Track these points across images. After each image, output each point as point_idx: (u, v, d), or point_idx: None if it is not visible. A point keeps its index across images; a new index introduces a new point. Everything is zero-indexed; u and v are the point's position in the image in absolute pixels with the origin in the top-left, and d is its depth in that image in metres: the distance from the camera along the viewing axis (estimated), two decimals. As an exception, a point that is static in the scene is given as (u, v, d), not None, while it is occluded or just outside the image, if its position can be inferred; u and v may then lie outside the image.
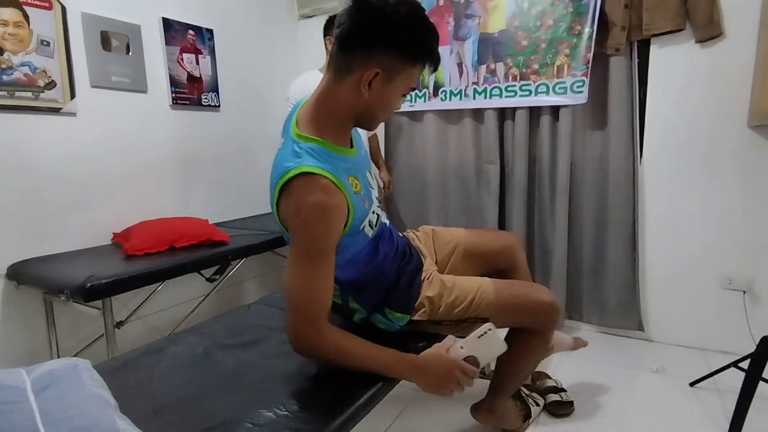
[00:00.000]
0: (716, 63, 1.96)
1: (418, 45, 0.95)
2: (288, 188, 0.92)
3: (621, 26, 2.03)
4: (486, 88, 2.36)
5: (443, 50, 2.51)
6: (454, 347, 0.99)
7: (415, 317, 1.15)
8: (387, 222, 1.23)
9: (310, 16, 3.02)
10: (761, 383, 1.40)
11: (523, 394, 1.62)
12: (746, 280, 2.02)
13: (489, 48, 2.34)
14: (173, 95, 2.29)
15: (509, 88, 2.30)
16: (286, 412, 0.81)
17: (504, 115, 2.39)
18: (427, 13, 2.59)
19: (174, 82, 2.28)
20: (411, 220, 2.73)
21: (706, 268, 2.09)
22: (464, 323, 1.16)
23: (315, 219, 0.91)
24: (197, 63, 2.39)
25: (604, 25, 2.07)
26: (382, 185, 2.60)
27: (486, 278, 1.23)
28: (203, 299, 2.12)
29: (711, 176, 2.04)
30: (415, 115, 2.67)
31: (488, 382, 1.41)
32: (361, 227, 1.03)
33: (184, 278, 1.82)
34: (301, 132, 0.99)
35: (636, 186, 2.15)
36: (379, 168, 2.59)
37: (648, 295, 2.23)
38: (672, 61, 2.05)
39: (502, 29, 2.28)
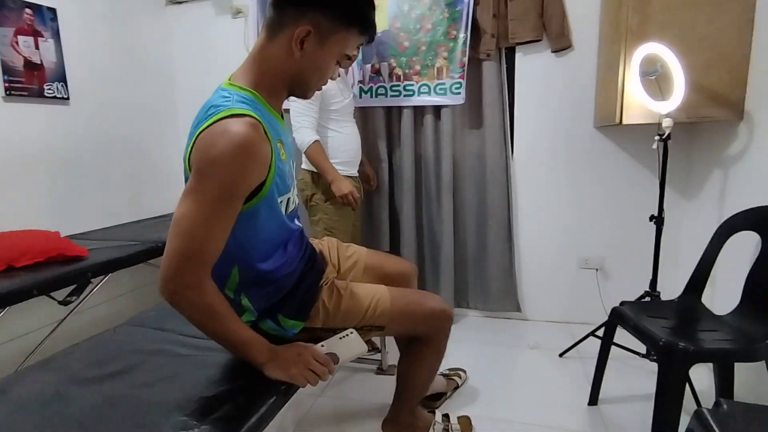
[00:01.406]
0: (568, 71, 2.23)
1: (353, 7, 0.92)
2: (209, 129, 0.83)
3: (491, 34, 2.20)
4: (372, 87, 2.39)
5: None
6: (314, 346, 0.97)
7: (309, 324, 1.10)
8: (299, 225, 1.16)
9: (179, 2, 2.74)
10: (613, 347, 1.62)
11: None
12: (598, 260, 2.35)
13: (373, 48, 2.36)
14: (6, 84, 1.90)
15: (394, 88, 2.35)
16: (159, 451, 0.70)
17: (390, 114, 2.44)
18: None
19: (6, 70, 1.90)
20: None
21: (567, 251, 2.38)
22: (359, 331, 1.11)
23: (234, 155, 0.81)
24: (36, 47, 2.01)
25: (477, 31, 2.22)
26: (368, 180, 2.35)
27: (382, 286, 1.22)
28: (56, 326, 1.80)
29: (567, 171, 2.32)
30: (302, 113, 2.59)
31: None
32: (279, 200, 0.96)
33: (30, 303, 1.52)
34: (234, 82, 0.93)
35: (509, 180, 2.36)
36: (360, 162, 2.21)
37: (523, 279, 2.47)
38: (534, 68, 2.28)
39: (385, 29, 2.32)
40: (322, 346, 0.98)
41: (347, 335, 1.00)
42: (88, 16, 2.28)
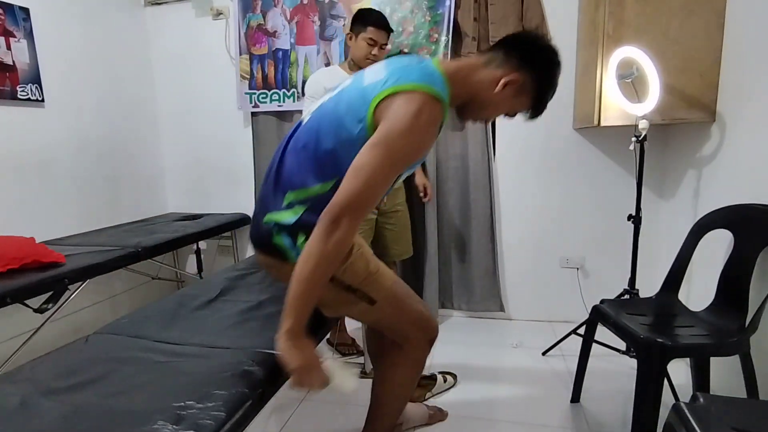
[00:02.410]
0: (547, 73, 2.26)
1: (548, 92, 1.09)
2: (413, 93, 0.94)
3: (472, 36, 2.22)
4: (354, 89, 2.38)
5: (310, 50, 2.47)
6: (323, 364, 0.98)
7: None
8: None
9: (159, 3, 2.71)
10: (595, 345, 1.65)
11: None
12: (579, 259, 2.38)
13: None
14: (-26, 86, 1.85)
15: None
16: (133, 460, 0.68)
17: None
18: (291, 10, 2.49)
19: (-25, 70, 1.85)
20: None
21: (548, 251, 2.41)
22: (351, 294, 1.10)
23: (432, 132, 0.97)
24: (8, 48, 1.96)
25: (458, 34, 2.24)
26: (420, 192, 2.19)
27: (388, 268, 1.21)
28: (32, 334, 1.75)
29: (548, 172, 2.35)
30: (284, 116, 2.58)
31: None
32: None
33: (3, 312, 1.48)
34: (443, 70, 1.03)
35: (492, 182, 2.38)
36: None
37: (506, 278, 2.49)
38: (514, 70, 2.31)
39: (367, 32, 2.31)
40: (325, 361, 0.99)
41: (349, 371, 1.03)
42: (63, 17, 2.23)
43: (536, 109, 1.11)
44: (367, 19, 1.85)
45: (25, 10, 2.03)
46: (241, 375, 0.94)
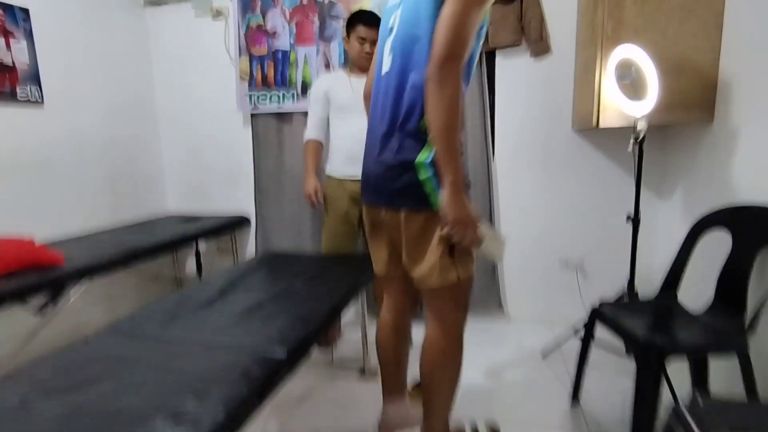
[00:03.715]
0: (547, 75, 2.27)
1: None
2: None
3: (471, 37, 2.22)
4: (354, 89, 2.38)
5: (309, 50, 2.47)
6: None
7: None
8: None
9: (158, 4, 2.71)
10: (594, 346, 1.65)
11: None
12: (578, 259, 2.39)
13: (355, 50, 2.36)
14: (-26, 87, 1.85)
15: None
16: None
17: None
18: (290, 11, 2.50)
19: (-26, 71, 1.85)
20: (285, 226, 2.63)
21: (547, 251, 2.41)
22: (451, 257, 1.14)
23: None
24: (8, 48, 1.96)
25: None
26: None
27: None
28: (33, 337, 1.75)
29: (547, 172, 2.35)
30: (283, 116, 2.58)
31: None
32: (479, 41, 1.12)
33: (4, 312, 1.48)
34: None
35: (491, 181, 2.38)
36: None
37: (505, 278, 2.50)
38: (513, 72, 2.32)
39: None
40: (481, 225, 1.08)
41: (500, 239, 1.12)
42: (63, 17, 2.23)
43: None
44: (357, 19, 1.93)
45: (25, 11, 2.03)
46: (241, 374, 0.94)
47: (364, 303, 1.98)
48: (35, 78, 2.08)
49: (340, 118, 2.03)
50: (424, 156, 1.10)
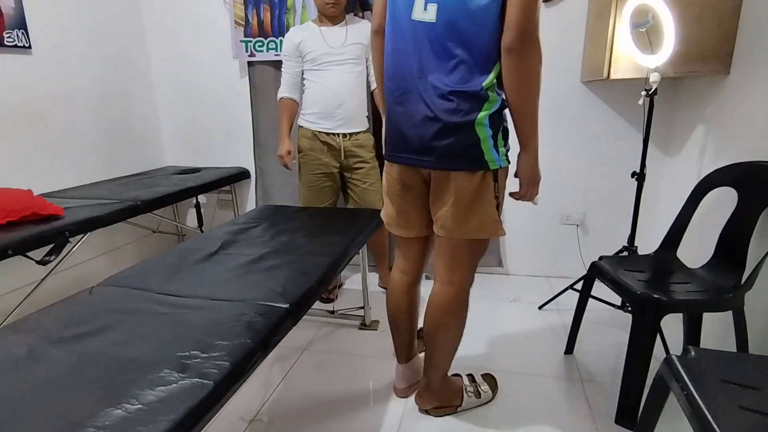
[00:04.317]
0: (557, 22, 2.16)
1: None
2: None
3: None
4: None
5: None
6: None
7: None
8: None
9: (146, -59, 2.53)
10: (591, 300, 1.68)
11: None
12: (579, 216, 2.38)
13: None
14: (-43, 31, 1.76)
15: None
16: (139, 406, 0.70)
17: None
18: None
19: (-44, 14, 1.75)
20: (285, 179, 2.61)
21: (549, 207, 2.40)
22: (497, 211, 1.22)
23: None
24: (-11, -11, 1.86)
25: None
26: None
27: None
28: (36, 286, 1.78)
29: (552, 126, 2.29)
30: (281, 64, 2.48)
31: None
32: None
33: (6, 264, 1.49)
34: None
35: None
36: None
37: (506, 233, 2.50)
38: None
39: None
40: None
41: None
42: (45, -44, 2.09)
43: None
44: None
45: (4, -52, 1.90)
46: (244, 326, 0.96)
47: (365, 256, 2.00)
48: (21, 23, 1.98)
49: (314, 72, 2.01)
50: (483, 116, 1.09)
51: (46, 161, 2.14)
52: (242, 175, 2.69)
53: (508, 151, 1.19)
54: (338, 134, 2.05)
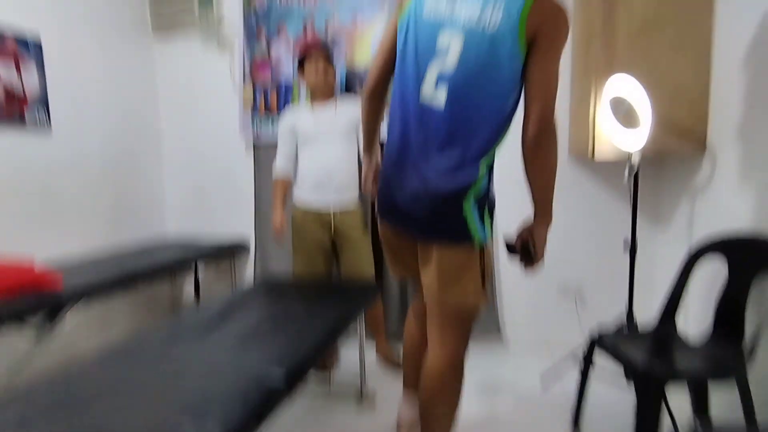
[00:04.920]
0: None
1: None
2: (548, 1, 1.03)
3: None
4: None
5: (312, 79, 2.53)
6: None
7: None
8: None
9: (167, 33, 2.79)
10: (592, 372, 1.63)
11: None
12: (576, 286, 2.39)
13: (356, 80, 2.44)
14: (-16, 111, 1.89)
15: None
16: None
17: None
18: (294, 42, 2.61)
19: (-15, 96, 1.89)
20: (284, 251, 2.64)
21: (546, 276, 2.41)
22: (483, 279, 1.22)
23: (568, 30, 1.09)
24: (19, 76, 2.02)
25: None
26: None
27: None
28: (29, 357, 1.73)
29: (545, 198, 2.37)
30: (285, 142, 2.62)
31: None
32: None
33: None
34: None
35: (489, 208, 2.40)
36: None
37: (504, 304, 2.49)
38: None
39: (368, 63, 2.40)
40: None
41: None
42: (73, 45, 2.30)
43: None
44: (301, 53, 2.14)
45: (37, 41, 2.10)
46: (239, 398, 0.94)
47: (362, 328, 1.97)
48: (44, 103, 2.13)
49: (305, 147, 2.15)
50: (471, 194, 1.13)
51: (52, 228, 2.19)
52: (241, 246, 2.72)
53: (492, 222, 1.23)
54: (330, 213, 2.13)
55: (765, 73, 1.49)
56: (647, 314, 1.78)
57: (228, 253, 2.61)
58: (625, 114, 1.77)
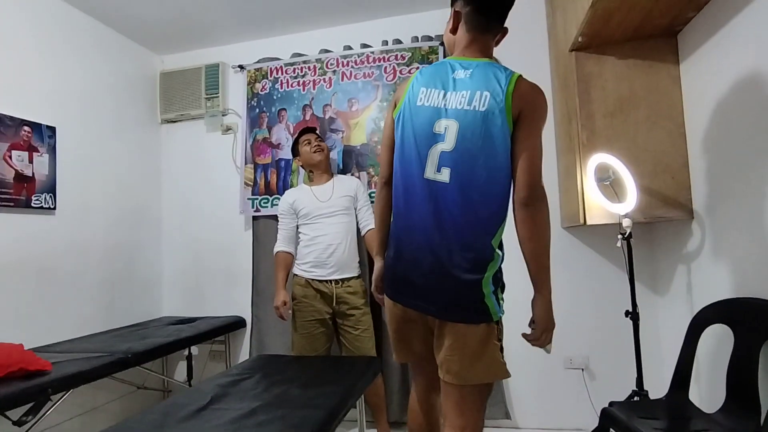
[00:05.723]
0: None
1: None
2: (523, 82, 1.16)
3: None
4: (352, 193, 2.52)
5: (310, 159, 2.65)
6: None
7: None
8: None
9: (174, 121, 2.97)
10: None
11: None
12: (583, 359, 2.31)
13: (353, 158, 2.56)
14: (-7, 196, 1.95)
15: (372, 194, 2.49)
16: None
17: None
18: (294, 125, 2.77)
19: (-4, 182, 1.97)
20: (281, 327, 2.58)
21: (552, 351, 2.33)
22: (501, 353, 1.24)
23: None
24: (30, 161, 2.11)
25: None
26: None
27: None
28: (2, 453, 1.62)
29: (542, 268, 2.38)
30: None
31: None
32: None
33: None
34: (490, 59, 1.24)
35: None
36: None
37: (510, 384, 2.38)
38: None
39: (364, 143, 2.54)
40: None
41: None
42: (86, 134, 2.43)
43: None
44: (296, 138, 2.34)
45: (52, 129, 2.23)
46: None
47: (362, 410, 1.87)
48: (51, 187, 2.20)
49: (306, 225, 2.21)
50: (489, 275, 1.18)
51: (45, 314, 2.15)
52: (238, 324, 2.67)
53: (503, 297, 1.26)
54: (330, 281, 2.13)
55: (735, 141, 1.57)
56: (658, 382, 1.70)
57: (223, 330, 2.55)
58: (611, 184, 1.85)
